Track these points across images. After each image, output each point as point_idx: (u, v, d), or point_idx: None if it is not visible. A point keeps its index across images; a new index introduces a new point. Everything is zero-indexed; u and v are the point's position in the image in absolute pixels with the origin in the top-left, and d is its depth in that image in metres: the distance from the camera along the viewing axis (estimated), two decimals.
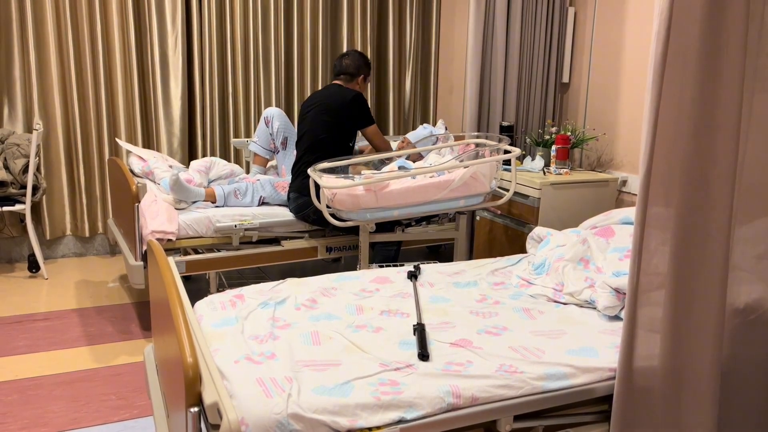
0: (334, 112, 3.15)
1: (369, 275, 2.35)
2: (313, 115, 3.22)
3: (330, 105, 3.17)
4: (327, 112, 3.16)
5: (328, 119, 3.16)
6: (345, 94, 3.17)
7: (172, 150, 4.17)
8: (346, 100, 3.14)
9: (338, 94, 3.19)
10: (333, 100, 3.18)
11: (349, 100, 3.13)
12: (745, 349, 1.65)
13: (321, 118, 3.17)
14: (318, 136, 3.17)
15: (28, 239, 4.04)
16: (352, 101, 3.14)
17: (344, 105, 3.14)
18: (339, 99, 3.16)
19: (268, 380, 1.50)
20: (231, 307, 1.98)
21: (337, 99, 3.16)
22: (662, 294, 1.51)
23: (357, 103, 3.15)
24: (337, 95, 3.19)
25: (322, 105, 3.20)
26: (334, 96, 3.19)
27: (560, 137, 3.28)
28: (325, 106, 3.18)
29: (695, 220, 1.45)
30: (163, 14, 4.02)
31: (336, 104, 3.16)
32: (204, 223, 3.04)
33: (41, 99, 3.89)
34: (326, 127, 3.16)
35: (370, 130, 3.23)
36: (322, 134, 3.16)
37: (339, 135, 3.17)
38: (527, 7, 3.50)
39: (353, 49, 3.46)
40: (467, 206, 2.84)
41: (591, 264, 2.24)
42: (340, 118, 3.15)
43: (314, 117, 3.21)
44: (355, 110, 3.15)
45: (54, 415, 2.31)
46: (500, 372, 1.60)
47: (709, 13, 1.36)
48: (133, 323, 3.14)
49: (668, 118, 1.43)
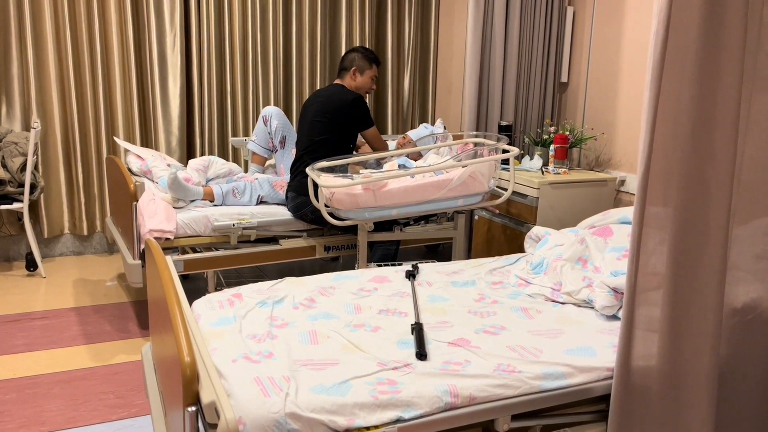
0: (332, 113, 3.14)
1: (367, 274, 2.34)
2: (312, 114, 3.22)
3: (329, 106, 3.16)
4: (326, 113, 3.16)
5: (326, 120, 3.15)
6: (345, 96, 3.15)
7: (170, 149, 4.16)
8: (346, 102, 3.13)
9: (338, 94, 3.18)
10: (332, 100, 3.17)
11: (349, 102, 3.12)
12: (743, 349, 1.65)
13: (320, 119, 3.17)
14: (317, 137, 3.16)
15: (25, 238, 4.03)
16: (352, 104, 3.12)
17: (343, 107, 3.13)
18: (338, 100, 3.15)
19: (266, 379, 1.50)
20: (229, 306, 1.97)
21: (337, 100, 3.15)
22: (660, 294, 1.51)
23: (356, 106, 3.14)
24: (337, 96, 3.17)
25: (321, 105, 3.19)
26: (334, 96, 3.18)
27: (559, 137, 3.28)
28: (324, 107, 3.17)
29: (693, 219, 1.45)
30: (162, 13, 4.02)
31: (335, 105, 3.14)
32: (202, 221, 3.04)
33: (39, 97, 3.89)
34: (325, 127, 3.15)
35: (369, 133, 3.23)
36: (321, 135, 3.16)
37: (338, 136, 3.17)
38: (526, 6, 3.50)
39: (358, 46, 3.44)
40: (466, 206, 2.84)
41: (589, 263, 2.24)
42: (338, 120, 3.14)
43: (314, 117, 3.20)
44: (354, 113, 3.14)
45: (52, 413, 2.31)
46: (498, 371, 1.60)
47: (708, 12, 1.36)
48: (131, 322, 3.14)
49: (667, 118, 1.43)
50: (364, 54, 3.30)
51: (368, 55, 3.31)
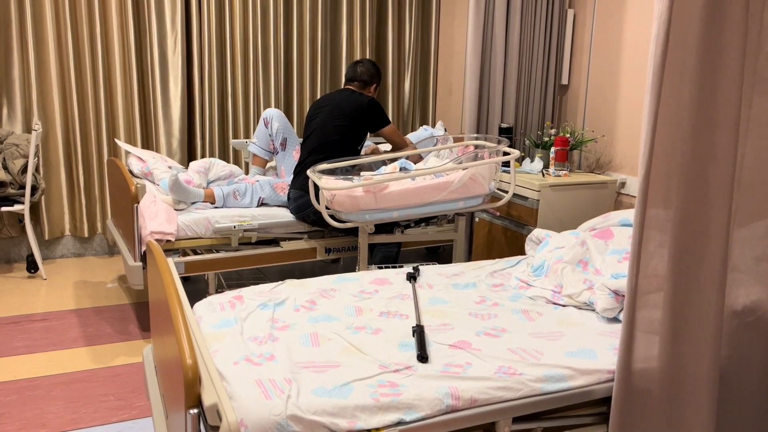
0: (347, 116, 3.18)
1: (368, 276, 2.35)
2: (324, 116, 3.23)
3: (344, 109, 3.19)
4: (341, 116, 3.18)
5: (340, 123, 3.18)
6: (360, 99, 3.20)
7: (171, 151, 4.17)
8: (363, 104, 3.19)
9: (352, 98, 3.22)
10: (347, 103, 3.20)
11: (366, 104, 3.19)
12: (744, 351, 1.65)
13: (333, 122, 3.19)
14: (328, 138, 3.18)
15: (26, 239, 4.03)
16: (369, 106, 3.19)
17: (360, 109, 3.18)
18: (354, 103, 3.19)
19: (268, 382, 1.50)
20: (230, 309, 1.98)
21: (352, 103, 3.20)
22: (661, 296, 1.51)
23: (373, 107, 3.21)
24: (352, 99, 3.22)
25: (335, 108, 3.21)
26: (348, 100, 3.21)
27: (559, 139, 3.28)
28: (338, 110, 3.20)
29: (694, 221, 1.46)
30: (163, 15, 4.02)
31: (351, 108, 3.18)
32: (203, 223, 3.04)
33: (40, 99, 3.89)
34: (338, 129, 3.18)
35: (388, 130, 3.30)
36: (333, 136, 3.18)
37: (350, 138, 3.20)
38: (526, 8, 3.51)
39: (367, 58, 3.50)
40: (466, 208, 2.84)
41: (590, 266, 2.24)
42: (354, 122, 3.18)
43: (326, 119, 3.22)
44: (373, 114, 3.21)
45: (52, 415, 2.31)
46: (499, 374, 1.61)
47: (709, 14, 1.37)
48: (132, 324, 3.14)
49: (667, 120, 1.43)
50: (377, 69, 3.40)
51: (379, 70, 3.42)
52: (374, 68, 3.38)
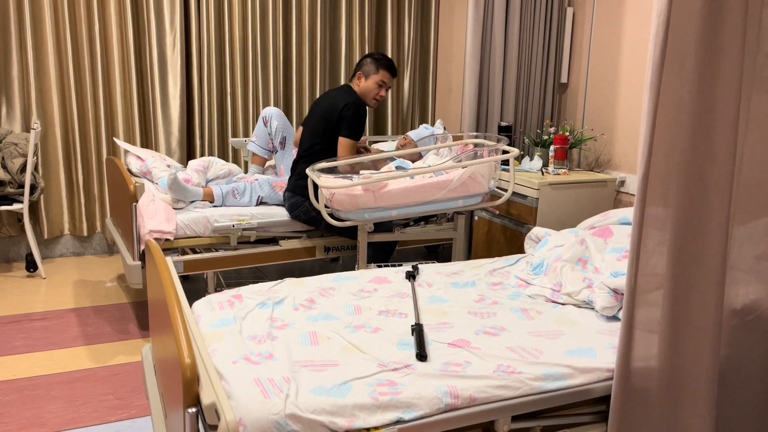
0: (331, 122, 3.10)
1: (367, 275, 2.34)
2: (317, 117, 3.19)
3: (329, 109, 3.12)
4: (325, 117, 3.12)
5: (325, 125, 3.12)
6: (341, 100, 3.09)
7: (170, 149, 4.16)
8: (338, 109, 3.06)
9: (338, 96, 3.14)
10: (333, 102, 3.12)
11: (339, 109, 3.06)
12: (743, 350, 1.65)
13: (320, 123, 3.15)
14: (315, 139, 3.15)
15: (25, 239, 4.03)
16: (343, 108, 3.05)
17: (335, 110, 3.08)
18: (336, 103, 3.10)
19: (266, 381, 1.50)
20: (229, 308, 1.97)
21: (334, 103, 3.11)
22: (660, 294, 1.51)
23: (347, 110, 3.05)
24: (337, 98, 3.13)
25: (324, 108, 3.16)
26: (335, 98, 3.14)
27: (558, 137, 3.28)
28: (325, 110, 3.14)
29: (693, 220, 1.45)
30: (162, 14, 4.02)
31: (332, 108, 3.10)
32: (202, 222, 3.04)
33: (39, 98, 3.89)
34: (323, 131, 3.13)
35: (343, 141, 3.07)
36: (320, 145, 3.13)
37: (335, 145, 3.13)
38: (526, 6, 3.50)
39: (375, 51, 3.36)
40: (466, 206, 2.84)
41: (589, 264, 2.24)
42: (332, 124, 3.11)
43: (317, 120, 3.18)
44: (343, 116, 3.06)
45: (51, 415, 2.31)
46: (498, 372, 1.60)
47: (708, 13, 1.37)
48: (131, 323, 3.14)
49: (666, 119, 1.43)
50: (375, 59, 3.21)
51: (379, 59, 3.20)
52: (369, 57, 3.22)
